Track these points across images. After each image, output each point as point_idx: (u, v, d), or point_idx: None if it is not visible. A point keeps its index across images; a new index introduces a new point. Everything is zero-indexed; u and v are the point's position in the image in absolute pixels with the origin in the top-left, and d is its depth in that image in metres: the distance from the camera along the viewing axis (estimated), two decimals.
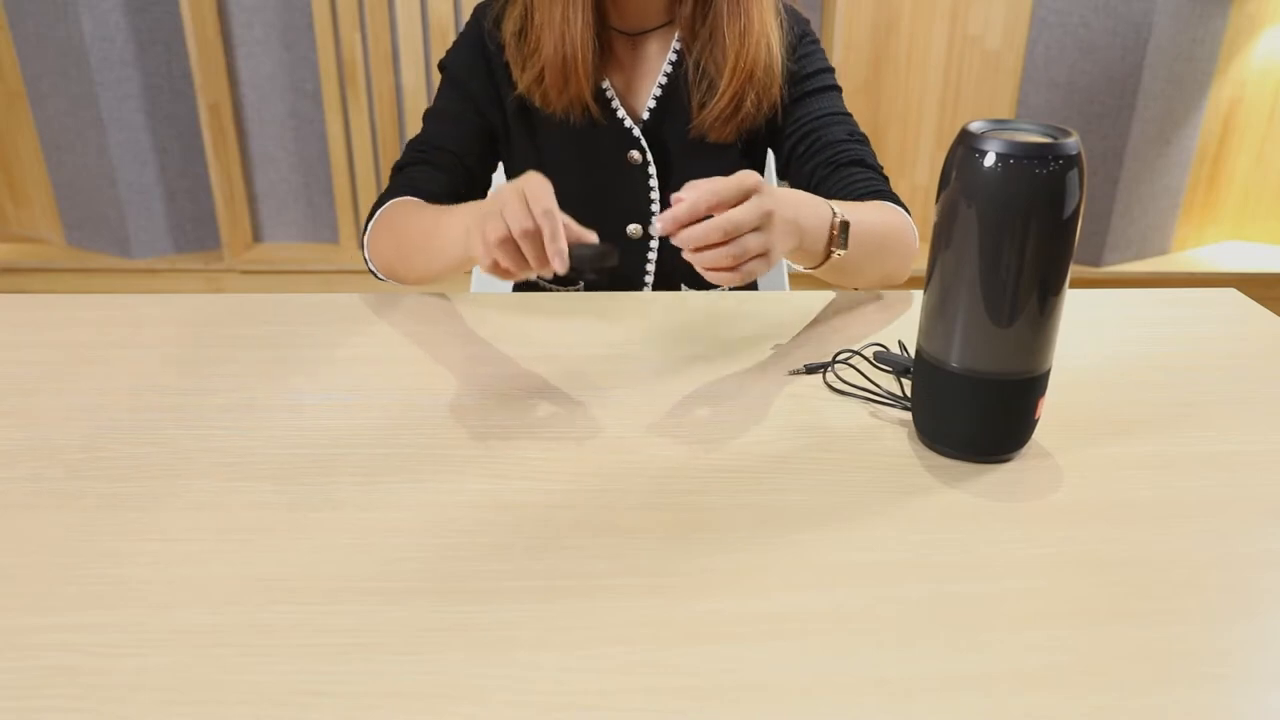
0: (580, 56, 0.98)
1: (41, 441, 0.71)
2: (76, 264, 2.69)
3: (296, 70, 2.60)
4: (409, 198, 1.00)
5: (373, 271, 1.02)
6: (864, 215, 0.91)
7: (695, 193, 0.72)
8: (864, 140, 1.06)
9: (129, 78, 2.52)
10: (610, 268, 0.73)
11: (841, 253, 0.84)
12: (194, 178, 2.67)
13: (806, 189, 1.07)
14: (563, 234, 0.71)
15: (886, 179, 1.05)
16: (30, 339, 0.88)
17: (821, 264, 0.86)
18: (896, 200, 1.01)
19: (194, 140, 2.62)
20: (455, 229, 0.84)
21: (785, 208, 0.77)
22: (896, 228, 0.95)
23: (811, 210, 0.83)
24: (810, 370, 0.82)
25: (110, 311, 0.95)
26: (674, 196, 0.73)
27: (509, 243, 0.72)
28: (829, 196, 1.03)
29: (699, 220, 0.72)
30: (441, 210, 0.90)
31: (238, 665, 0.50)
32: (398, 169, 1.06)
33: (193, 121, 2.60)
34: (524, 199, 0.72)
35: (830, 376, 0.82)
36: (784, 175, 1.12)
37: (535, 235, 0.71)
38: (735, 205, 0.72)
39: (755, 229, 0.73)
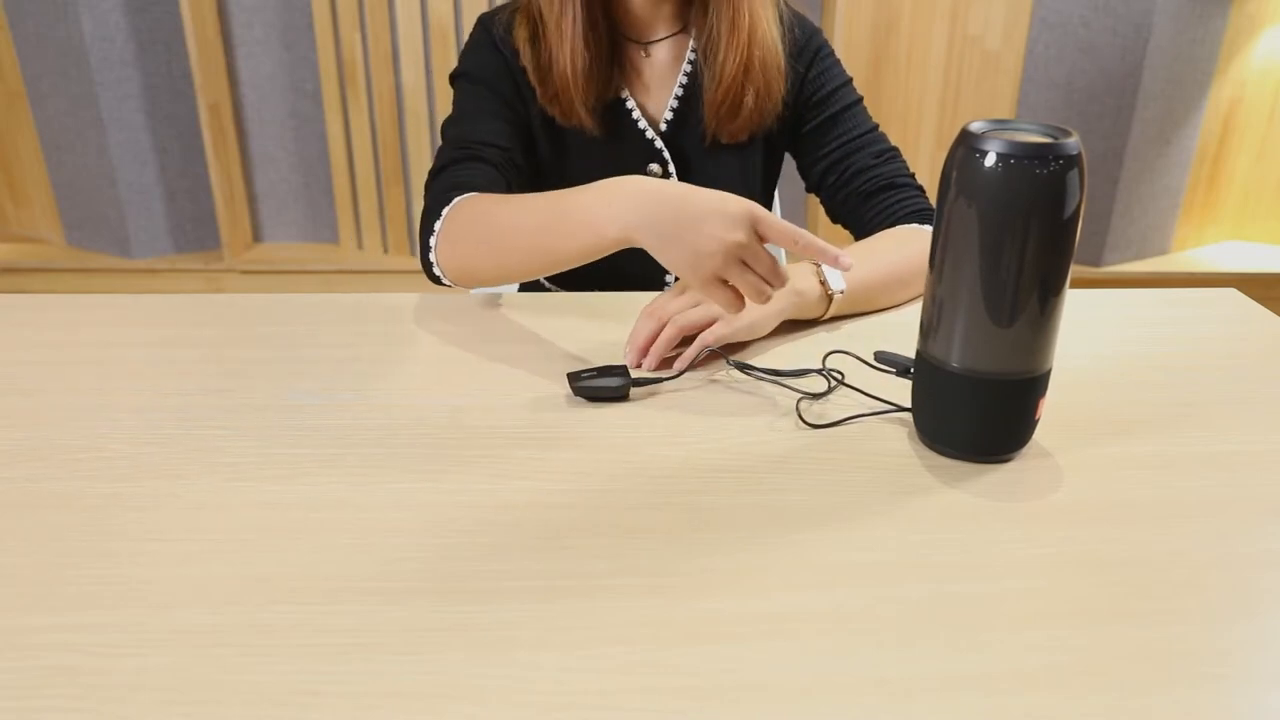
0: (585, 70, 0.97)
1: (41, 441, 0.71)
2: (76, 264, 2.69)
3: (296, 70, 2.60)
4: (476, 194, 0.90)
5: (437, 278, 0.94)
6: (868, 252, 0.93)
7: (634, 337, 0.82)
8: (893, 156, 1.06)
9: (129, 78, 2.52)
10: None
11: (841, 291, 0.88)
12: (194, 178, 2.67)
13: (839, 215, 1.09)
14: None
15: (920, 189, 1.05)
16: (30, 339, 0.88)
17: (829, 309, 0.89)
18: (926, 216, 1.01)
19: (194, 140, 2.62)
20: (599, 219, 0.75)
21: None
22: (912, 254, 0.95)
23: (791, 274, 0.86)
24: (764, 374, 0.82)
25: (110, 311, 0.95)
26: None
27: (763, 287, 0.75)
28: (861, 225, 1.05)
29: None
30: (555, 197, 0.80)
31: (238, 665, 0.50)
32: (437, 172, 0.96)
33: (193, 121, 2.60)
34: (760, 245, 0.73)
35: (805, 402, 0.81)
36: (810, 192, 1.12)
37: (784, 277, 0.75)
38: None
39: (693, 306, 0.80)
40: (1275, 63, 2.54)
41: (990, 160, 0.62)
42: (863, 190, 1.04)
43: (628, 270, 1.11)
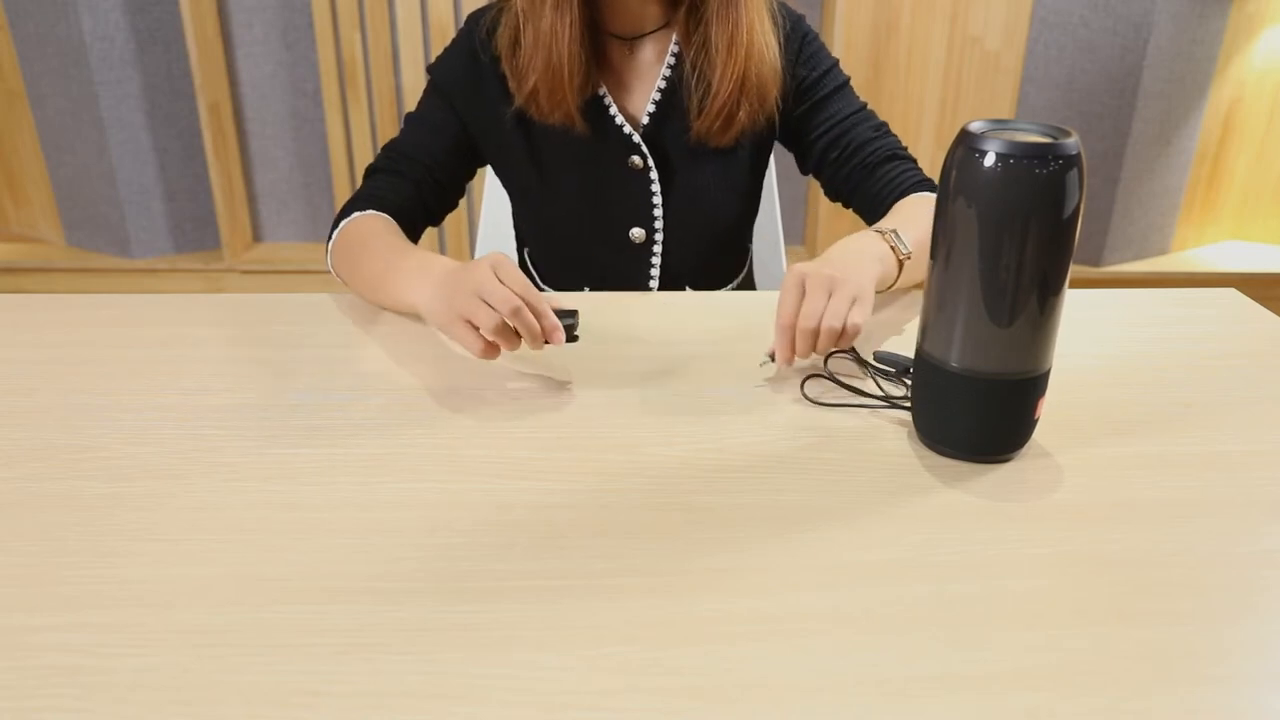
0: (568, 69, 0.97)
1: (41, 441, 0.71)
2: (76, 264, 2.69)
3: (296, 70, 2.60)
4: (373, 213, 0.99)
5: (336, 276, 1.02)
6: (907, 219, 0.94)
7: (777, 336, 0.80)
8: (887, 130, 1.08)
9: (129, 78, 2.52)
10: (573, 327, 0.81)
11: (908, 253, 0.89)
12: (194, 178, 2.67)
13: (843, 190, 1.09)
14: (551, 312, 0.77)
15: (915, 161, 1.07)
16: (30, 339, 0.88)
17: (899, 276, 0.91)
18: (933, 186, 1.02)
19: (194, 140, 2.62)
20: (407, 291, 0.86)
21: (838, 263, 0.83)
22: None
23: (864, 242, 0.88)
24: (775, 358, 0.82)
25: (110, 311, 0.95)
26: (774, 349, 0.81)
27: (504, 327, 0.76)
28: (869, 196, 1.06)
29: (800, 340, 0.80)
30: (395, 256, 0.91)
31: (238, 665, 0.50)
32: (370, 171, 1.06)
33: (193, 121, 2.60)
34: (498, 281, 0.76)
35: (810, 390, 0.82)
36: (809, 173, 1.12)
37: (525, 314, 0.76)
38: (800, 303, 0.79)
39: (828, 297, 0.79)
40: (1275, 63, 2.54)
41: (990, 160, 0.62)
42: (869, 162, 1.06)
43: (617, 270, 1.11)
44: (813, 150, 1.09)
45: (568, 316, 0.80)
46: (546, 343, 0.78)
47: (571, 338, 0.79)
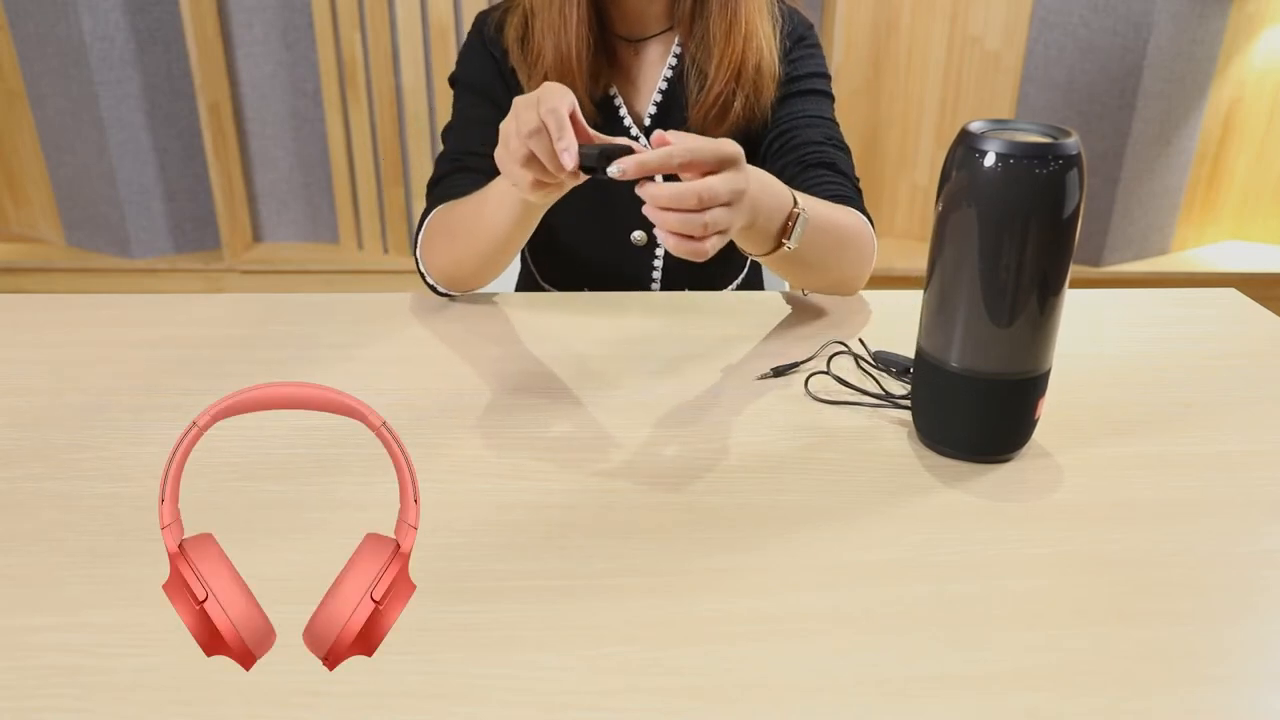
0: (577, 60, 0.98)
1: (41, 441, 0.71)
2: (76, 264, 2.69)
3: (296, 70, 2.60)
4: (448, 202, 0.97)
5: (432, 286, 0.99)
6: (823, 211, 0.88)
7: (674, 144, 0.69)
8: (842, 148, 1.04)
9: (129, 78, 2.52)
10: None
11: (791, 246, 0.82)
12: (194, 178, 2.67)
13: None
14: (570, 132, 0.70)
15: (858, 190, 1.02)
16: (30, 339, 0.88)
17: (770, 253, 0.83)
18: (862, 210, 0.99)
19: (194, 140, 2.62)
20: (502, 183, 0.83)
21: (754, 187, 0.75)
22: (856, 232, 0.93)
23: (773, 194, 0.80)
24: (779, 373, 0.82)
25: (110, 311, 0.95)
26: (655, 136, 0.70)
27: (532, 156, 0.71)
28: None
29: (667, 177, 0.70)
30: (488, 185, 0.88)
31: (237, 665, 0.50)
32: (433, 184, 1.03)
33: (193, 121, 2.60)
34: (535, 104, 0.71)
35: (813, 386, 0.82)
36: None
37: (543, 135, 0.70)
38: (710, 173, 0.70)
39: (725, 204, 0.70)
40: (1275, 63, 2.54)
41: (990, 160, 0.62)
42: (804, 160, 1.01)
43: (619, 272, 1.12)
44: (764, 141, 1.06)
45: (595, 149, 0.70)
46: (587, 171, 0.70)
47: (593, 170, 0.70)
